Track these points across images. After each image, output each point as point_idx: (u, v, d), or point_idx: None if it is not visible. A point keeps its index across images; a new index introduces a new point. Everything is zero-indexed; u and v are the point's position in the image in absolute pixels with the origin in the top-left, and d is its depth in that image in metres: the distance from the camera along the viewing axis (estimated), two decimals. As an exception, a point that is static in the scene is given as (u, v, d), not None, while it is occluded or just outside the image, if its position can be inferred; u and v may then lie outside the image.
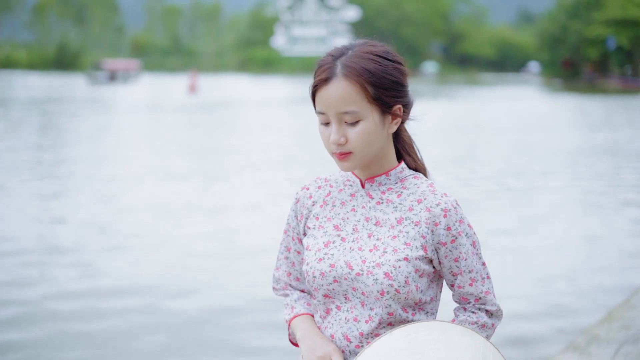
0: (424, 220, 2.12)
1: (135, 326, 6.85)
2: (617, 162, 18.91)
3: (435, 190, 2.17)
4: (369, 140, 2.08)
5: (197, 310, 7.33)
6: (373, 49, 2.11)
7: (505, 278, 8.19)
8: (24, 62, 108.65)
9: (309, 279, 2.17)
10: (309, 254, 2.19)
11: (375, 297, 2.09)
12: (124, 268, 8.73)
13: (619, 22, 74.57)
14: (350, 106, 2.05)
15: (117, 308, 7.34)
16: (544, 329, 6.64)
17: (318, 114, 2.11)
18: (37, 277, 8.34)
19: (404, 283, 2.08)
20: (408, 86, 2.16)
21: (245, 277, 8.41)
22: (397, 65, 2.11)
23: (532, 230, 10.98)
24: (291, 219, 2.31)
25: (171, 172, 16.32)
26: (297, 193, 2.31)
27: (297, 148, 21.46)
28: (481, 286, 2.19)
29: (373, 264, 2.09)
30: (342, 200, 2.22)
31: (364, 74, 2.05)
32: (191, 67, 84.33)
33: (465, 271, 2.16)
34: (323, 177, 2.30)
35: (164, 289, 7.95)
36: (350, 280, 2.11)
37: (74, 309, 7.31)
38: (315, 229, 2.22)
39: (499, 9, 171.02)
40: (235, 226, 11.10)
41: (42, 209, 12.08)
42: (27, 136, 23.59)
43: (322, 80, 2.07)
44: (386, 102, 2.08)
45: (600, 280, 8.30)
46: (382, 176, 2.19)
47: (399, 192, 2.18)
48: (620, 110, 39.82)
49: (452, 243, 2.13)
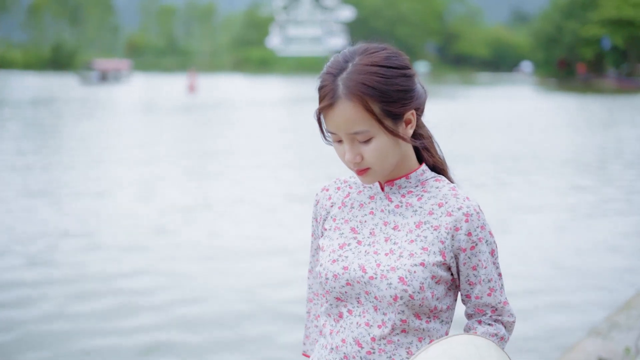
0: (444, 224, 2.05)
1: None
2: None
3: (458, 193, 2.09)
4: (385, 155, 2.03)
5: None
6: (373, 59, 1.99)
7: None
8: (20, 62, 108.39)
9: (322, 280, 2.11)
10: (323, 255, 2.14)
11: (388, 302, 2.02)
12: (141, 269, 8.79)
13: (614, 22, 74.80)
14: (359, 127, 1.98)
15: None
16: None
17: (328, 132, 2.05)
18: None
19: (418, 289, 2.00)
20: (416, 85, 2.06)
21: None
22: (401, 71, 2.01)
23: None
24: (313, 222, 2.28)
25: (188, 172, 16.38)
26: (317, 194, 2.26)
27: (310, 149, 21.52)
28: (500, 296, 2.11)
29: (387, 268, 2.02)
30: (360, 202, 2.17)
31: (367, 92, 1.96)
32: (188, 67, 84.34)
33: (484, 280, 2.08)
34: (342, 179, 2.25)
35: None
36: (363, 284, 2.04)
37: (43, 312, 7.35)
38: (331, 230, 2.17)
39: (493, 8, 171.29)
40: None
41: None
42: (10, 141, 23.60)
43: (326, 107, 2.00)
44: (395, 114, 2.00)
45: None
46: (402, 179, 2.13)
47: (419, 196, 2.11)
48: (621, 110, 39.97)
49: (471, 250, 2.06)
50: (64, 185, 14.50)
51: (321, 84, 2.03)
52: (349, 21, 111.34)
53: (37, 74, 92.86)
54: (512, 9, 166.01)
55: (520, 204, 13.12)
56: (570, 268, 8.98)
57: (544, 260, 9.28)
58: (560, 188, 15.01)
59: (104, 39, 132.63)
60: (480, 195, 13.72)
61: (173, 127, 28.10)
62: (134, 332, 6.80)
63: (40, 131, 25.72)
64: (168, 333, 6.77)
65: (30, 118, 30.87)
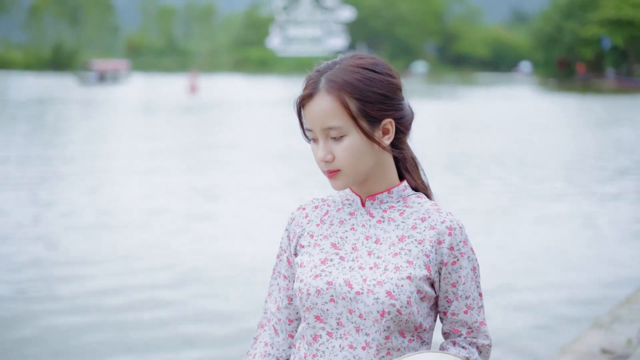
0: (428, 238, 2.01)
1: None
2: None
3: (440, 209, 2.07)
4: (356, 157, 1.99)
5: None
6: (360, 62, 2.01)
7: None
8: (20, 62, 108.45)
9: (302, 296, 2.02)
10: (303, 270, 2.05)
11: (374, 318, 1.95)
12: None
13: (614, 22, 74.90)
14: (332, 121, 1.97)
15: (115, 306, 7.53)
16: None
17: (306, 130, 2.04)
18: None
19: (406, 303, 1.96)
20: (402, 99, 2.05)
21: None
22: (385, 78, 2.01)
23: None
24: (284, 241, 2.18)
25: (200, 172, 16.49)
26: (292, 213, 2.19)
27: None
28: (476, 315, 2.06)
29: (374, 282, 1.96)
30: (340, 219, 2.11)
31: (345, 87, 1.96)
32: (187, 67, 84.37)
33: (461, 297, 2.03)
34: (320, 198, 2.20)
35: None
36: (349, 301, 1.98)
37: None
38: (310, 246, 2.09)
39: (493, 8, 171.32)
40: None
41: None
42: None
43: (306, 96, 2.00)
44: (371, 116, 1.98)
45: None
46: (383, 194, 2.08)
47: (401, 211, 2.07)
48: (623, 109, 40.10)
49: (452, 265, 2.02)
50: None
51: (306, 78, 2.04)
52: (348, 21, 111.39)
53: (37, 74, 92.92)
54: (512, 9, 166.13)
55: (526, 201, 13.24)
56: (577, 263, 9.12)
57: (552, 255, 9.42)
58: (567, 187, 15.15)
59: (103, 40, 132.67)
60: (486, 193, 13.85)
61: (181, 127, 28.17)
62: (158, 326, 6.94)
63: (37, 133, 25.82)
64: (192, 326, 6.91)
65: (26, 119, 30.96)
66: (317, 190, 13.38)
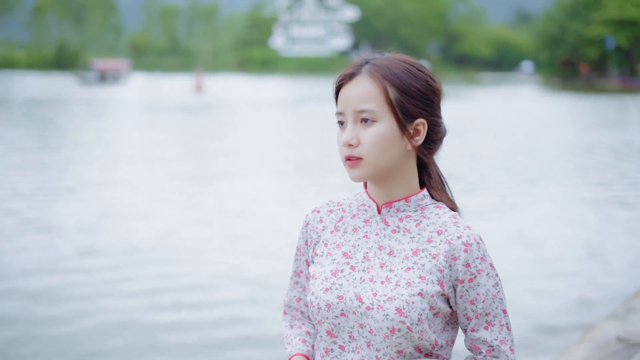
0: (442, 252, 1.94)
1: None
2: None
3: (458, 222, 1.98)
4: (382, 146, 1.93)
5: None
6: (407, 59, 2.00)
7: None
8: (23, 62, 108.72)
9: (313, 310, 1.99)
10: (315, 282, 2.01)
11: (384, 334, 1.90)
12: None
13: (618, 22, 74.97)
14: (367, 104, 1.93)
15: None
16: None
17: (337, 114, 1.99)
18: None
19: (417, 321, 1.89)
20: (439, 108, 2.02)
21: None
22: (428, 79, 1.99)
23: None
24: (301, 243, 2.15)
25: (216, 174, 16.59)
26: (307, 216, 2.14)
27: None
28: (497, 333, 1.96)
29: (384, 298, 1.91)
30: (354, 227, 2.05)
31: (388, 75, 1.94)
32: (190, 67, 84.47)
33: (481, 314, 1.95)
34: (336, 201, 2.14)
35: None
36: (359, 315, 1.93)
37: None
38: (323, 256, 2.05)
39: (496, 8, 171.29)
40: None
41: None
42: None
43: (346, 76, 1.98)
44: (407, 110, 1.95)
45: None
46: (401, 202, 2.01)
47: (418, 221, 2.00)
48: (628, 109, 40.15)
49: (469, 282, 1.94)
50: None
51: (352, 62, 2.02)
52: (352, 21, 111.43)
53: (40, 74, 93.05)
54: (515, 9, 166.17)
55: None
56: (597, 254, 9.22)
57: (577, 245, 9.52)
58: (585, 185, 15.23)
59: (107, 39, 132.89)
60: (491, 193, 13.91)
61: (191, 128, 28.22)
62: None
63: (34, 136, 25.92)
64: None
65: (25, 120, 31.07)
66: (319, 194, 13.53)
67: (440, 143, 2.04)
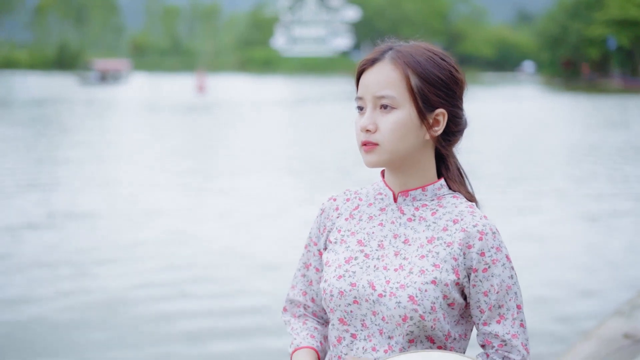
0: (457, 241, 1.92)
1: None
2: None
3: (475, 211, 1.96)
4: (400, 133, 1.91)
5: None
6: (431, 48, 1.98)
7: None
8: (25, 62, 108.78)
9: (326, 297, 1.97)
10: (328, 270, 1.99)
11: (396, 322, 1.89)
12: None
13: (620, 22, 74.92)
14: (388, 90, 1.92)
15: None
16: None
17: (356, 99, 1.98)
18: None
19: (430, 309, 1.87)
20: (460, 99, 2.00)
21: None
22: (451, 69, 1.96)
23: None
24: (313, 232, 2.12)
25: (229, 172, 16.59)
26: (323, 204, 2.12)
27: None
28: (510, 327, 1.92)
29: (397, 285, 1.89)
30: (370, 215, 2.03)
31: (411, 62, 1.92)
32: (191, 67, 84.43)
33: (494, 306, 1.91)
34: (353, 190, 2.12)
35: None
36: (372, 303, 1.91)
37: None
38: (337, 243, 2.03)
39: (497, 8, 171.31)
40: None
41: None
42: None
43: (368, 61, 1.97)
44: (428, 98, 1.93)
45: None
46: (417, 190, 1.99)
47: (434, 210, 1.98)
48: (630, 109, 40.17)
49: (483, 272, 1.90)
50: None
51: (376, 47, 2.00)
52: (353, 21, 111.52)
53: (42, 74, 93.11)
54: (517, 9, 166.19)
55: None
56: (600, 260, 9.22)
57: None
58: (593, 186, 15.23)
59: (108, 39, 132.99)
60: (506, 192, 13.92)
61: (195, 127, 28.27)
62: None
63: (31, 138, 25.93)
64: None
65: (23, 121, 31.08)
66: (324, 190, 13.50)
67: (461, 135, 2.02)
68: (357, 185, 2.10)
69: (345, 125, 27.11)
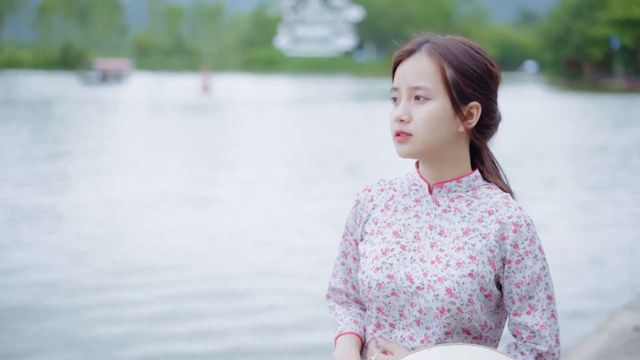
0: (493, 232, 1.94)
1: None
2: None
3: (510, 202, 1.98)
4: (434, 124, 1.93)
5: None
6: (468, 41, 2.02)
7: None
8: (29, 62, 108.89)
9: (364, 288, 2.00)
10: (366, 261, 2.02)
11: (434, 314, 1.91)
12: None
13: (623, 21, 74.86)
14: (423, 81, 1.94)
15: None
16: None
17: (392, 90, 2.00)
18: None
19: (467, 302, 1.90)
20: (495, 93, 2.02)
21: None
22: (487, 63, 1.99)
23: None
24: (350, 222, 2.14)
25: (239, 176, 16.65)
26: (358, 195, 2.14)
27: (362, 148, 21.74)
28: (539, 318, 1.93)
29: (435, 278, 1.92)
30: (405, 206, 2.05)
31: (447, 54, 1.95)
32: (195, 67, 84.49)
33: (525, 297, 1.94)
34: (387, 180, 2.14)
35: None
36: (410, 295, 1.94)
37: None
38: (373, 234, 2.06)
39: (500, 8, 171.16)
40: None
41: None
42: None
43: (405, 52, 1.99)
44: (463, 91, 1.95)
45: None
46: (452, 182, 2.01)
47: (469, 201, 2.00)
48: (634, 109, 40.18)
49: (516, 264, 1.93)
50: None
51: (413, 38, 2.03)
52: (357, 21, 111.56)
53: (46, 74, 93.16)
54: (520, 9, 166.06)
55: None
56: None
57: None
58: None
59: (112, 39, 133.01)
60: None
61: (202, 128, 28.29)
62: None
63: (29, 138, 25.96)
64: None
65: (22, 121, 31.12)
66: (328, 189, 13.58)
67: (495, 129, 2.05)
68: (362, 183, 2.15)
69: (345, 124, 27.22)
